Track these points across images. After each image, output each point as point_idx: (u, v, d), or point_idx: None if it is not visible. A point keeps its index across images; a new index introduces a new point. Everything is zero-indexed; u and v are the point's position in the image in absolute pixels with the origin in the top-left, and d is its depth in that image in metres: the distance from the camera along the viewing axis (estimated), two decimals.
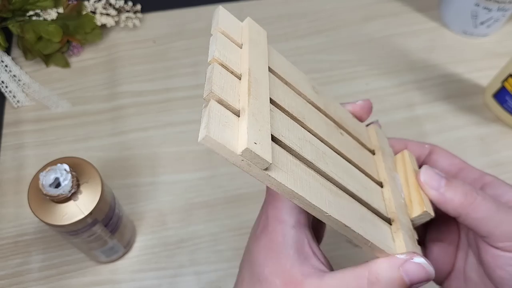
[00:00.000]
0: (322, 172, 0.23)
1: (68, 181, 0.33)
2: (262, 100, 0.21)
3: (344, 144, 0.26)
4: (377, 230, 0.24)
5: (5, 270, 0.44)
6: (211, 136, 0.18)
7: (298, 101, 0.25)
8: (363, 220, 0.24)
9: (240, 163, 0.19)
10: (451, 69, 0.58)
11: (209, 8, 0.63)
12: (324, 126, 0.25)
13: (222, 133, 0.19)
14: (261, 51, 0.24)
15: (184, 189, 0.48)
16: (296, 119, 0.24)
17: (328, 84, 0.56)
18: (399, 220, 0.25)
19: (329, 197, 0.22)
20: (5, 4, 0.51)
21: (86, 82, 0.56)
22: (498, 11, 0.56)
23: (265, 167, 0.19)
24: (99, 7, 0.57)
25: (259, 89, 0.22)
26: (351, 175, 0.25)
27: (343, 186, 0.24)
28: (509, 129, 0.53)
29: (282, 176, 0.20)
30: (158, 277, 0.44)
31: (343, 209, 0.23)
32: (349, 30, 0.61)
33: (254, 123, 0.20)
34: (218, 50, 0.22)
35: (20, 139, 0.51)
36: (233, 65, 0.22)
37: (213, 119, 0.19)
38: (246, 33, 0.24)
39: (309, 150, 0.23)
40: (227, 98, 0.20)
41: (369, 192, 0.25)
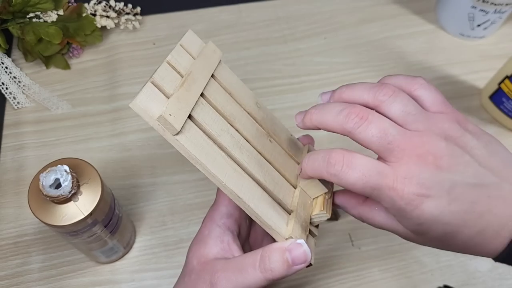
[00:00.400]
0: (233, 157, 0.30)
1: (68, 182, 0.33)
2: (192, 93, 0.29)
3: (269, 149, 0.33)
4: (273, 212, 0.30)
5: (5, 271, 0.44)
6: (137, 103, 0.26)
7: (234, 107, 0.32)
8: (260, 200, 0.30)
9: (157, 127, 0.27)
10: (448, 71, 0.58)
11: (209, 10, 0.63)
12: (254, 130, 0.33)
13: (147, 103, 0.26)
14: (208, 63, 0.32)
15: (184, 189, 0.49)
16: (225, 116, 0.31)
17: (326, 86, 0.57)
18: (298, 213, 0.31)
19: (231, 173, 0.29)
20: (6, 6, 0.52)
21: (86, 84, 0.56)
22: (495, 13, 0.56)
23: (174, 133, 0.27)
24: (99, 9, 0.57)
25: (193, 85, 0.29)
26: (264, 169, 0.31)
27: (250, 172, 0.30)
28: (505, 130, 0.54)
29: (189, 144, 0.27)
30: (157, 277, 0.44)
31: (241, 186, 0.29)
32: (347, 33, 0.62)
33: (175, 103, 0.27)
34: (172, 55, 0.30)
35: (20, 140, 0.51)
36: (181, 68, 0.30)
37: (143, 93, 0.27)
38: (202, 50, 0.32)
39: (228, 140, 0.30)
40: (163, 85, 0.28)
41: (279, 187, 0.32)
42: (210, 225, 0.31)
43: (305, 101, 0.55)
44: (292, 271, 0.28)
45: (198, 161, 0.28)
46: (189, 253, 0.31)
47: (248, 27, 0.62)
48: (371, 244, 0.46)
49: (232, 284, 0.28)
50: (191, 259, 0.31)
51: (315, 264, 0.45)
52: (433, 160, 0.26)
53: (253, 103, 0.34)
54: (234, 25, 0.62)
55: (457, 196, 0.26)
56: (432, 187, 0.26)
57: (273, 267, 0.28)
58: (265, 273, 0.28)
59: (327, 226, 0.47)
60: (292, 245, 0.28)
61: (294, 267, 0.28)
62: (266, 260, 0.28)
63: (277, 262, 0.28)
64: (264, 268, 0.28)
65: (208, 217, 0.32)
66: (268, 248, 0.29)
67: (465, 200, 0.26)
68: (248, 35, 0.61)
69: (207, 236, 0.31)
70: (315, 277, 0.44)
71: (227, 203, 0.32)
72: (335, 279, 0.44)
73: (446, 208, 0.26)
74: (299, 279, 0.44)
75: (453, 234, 0.27)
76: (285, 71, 0.58)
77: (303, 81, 0.57)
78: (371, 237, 0.46)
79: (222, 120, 0.31)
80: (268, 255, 0.28)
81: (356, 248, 0.46)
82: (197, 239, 0.32)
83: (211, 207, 0.33)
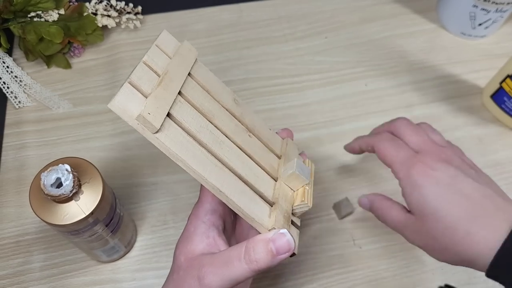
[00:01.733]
0: (213, 153, 0.30)
1: (70, 181, 0.33)
2: (170, 91, 0.29)
3: (248, 144, 0.33)
4: (255, 205, 0.31)
5: (7, 270, 0.44)
6: (115, 104, 0.27)
7: (212, 104, 0.33)
8: (242, 194, 0.30)
9: (137, 126, 0.27)
10: (449, 70, 0.58)
11: (209, 10, 0.63)
12: (232, 126, 0.33)
13: (126, 103, 0.27)
14: (185, 61, 0.32)
15: (185, 189, 0.49)
16: (203, 113, 0.32)
17: (327, 85, 0.57)
18: (279, 204, 0.32)
19: (211, 168, 0.29)
20: (7, 6, 0.52)
21: (87, 83, 0.56)
22: (496, 12, 0.56)
23: (154, 131, 0.27)
24: (100, 9, 0.57)
25: (170, 84, 0.30)
26: (245, 163, 0.32)
27: (231, 167, 0.31)
28: (507, 129, 0.54)
29: (169, 142, 0.28)
30: (158, 276, 0.44)
31: (223, 180, 0.30)
32: (348, 32, 0.62)
33: (153, 102, 0.28)
34: (148, 56, 0.30)
35: (22, 139, 0.52)
36: (158, 68, 0.30)
37: (121, 94, 0.27)
38: (178, 50, 0.33)
39: (207, 136, 0.30)
40: (141, 85, 0.28)
41: (260, 180, 0.32)
42: (195, 222, 0.32)
43: (306, 100, 0.55)
44: (277, 260, 0.29)
45: (179, 157, 0.28)
46: (176, 250, 0.32)
47: (249, 26, 0.62)
48: (372, 243, 0.46)
49: (219, 277, 0.29)
50: (178, 256, 0.31)
51: (316, 263, 0.45)
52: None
53: (231, 99, 0.35)
54: (235, 24, 0.62)
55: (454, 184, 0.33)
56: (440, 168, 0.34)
57: (258, 258, 0.29)
58: (251, 264, 0.29)
59: (328, 226, 0.47)
60: (275, 235, 0.29)
61: (278, 256, 0.29)
62: (251, 251, 0.29)
63: (262, 253, 0.29)
64: (249, 260, 0.29)
65: (193, 214, 0.33)
66: (252, 240, 0.29)
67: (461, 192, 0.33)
68: (249, 34, 0.61)
69: (193, 232, 0.32)
70: (316, 276, 0.44)
71: (211, 199, 0.33)
72: (336, 278, 0.44)
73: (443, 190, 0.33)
74: (300, 278, 0.44)
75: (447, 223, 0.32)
76: (286, 70, 0.58)
77: (304, 80, 0.57)
78: (372, 237, 0.46)
79: (200, 117, 0.31)
80: (252, 247, 0.29)
81: (357, 248, 0.46)
82: (183, 236, 0.32)
83: (195, 204, 0.33)
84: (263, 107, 0.55)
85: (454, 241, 0.32)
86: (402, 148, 0.36)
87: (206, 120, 0.32)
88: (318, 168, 0.50)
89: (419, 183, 0.33)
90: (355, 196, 0.48)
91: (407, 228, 0.35)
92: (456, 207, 0.32)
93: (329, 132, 0.53)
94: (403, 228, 0.35)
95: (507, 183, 0.50)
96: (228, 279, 0.29)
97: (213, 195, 0.32)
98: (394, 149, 0.36)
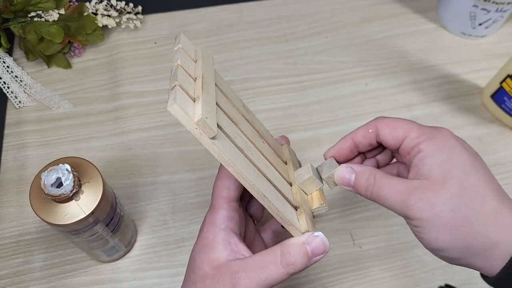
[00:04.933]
0: (249, 158, 0.31)
1: (70, 181, 0.33)
2: (211, 96, 0.29)
3: (264, 149, 0.34)
4: (286, 208, 0.31)
5: (7, 270, 0.44)
6: (178, 106, 0.25)
7: (233, 110, 0.33)
8: (277, 198, 0.31)
9: (194, 130, 0.26)
10: (449, 70, 0.58)
11: (210, 9, 0.63)
12: (250, 132, 0.34)
13: (184, 106, 0.26)
14: (210, 67, 0.32)
15: (185, 189, 0.49)
16: (232, 120, 0.32)
17: (327, 85, 0.57)
18: (303, 208, 0.32)
19: (254, 174, 0.30)
20: (7, 5, 0.52)
21: (87, 83, 0.56)
22: (496, 12, 0.56)
23: (212, 136, 0.27)
24: (101, 8, 0.57)
25: (209, 89, 0.29)
26: (269, 168, 0.32)
27: (263, 172, 0.31)
28: (507, 129, 0.54)
29: (223, 147, 0.28)
30: (159, 276, 0.44)
31: (263, 185, 0.30)
32: (348, 31, 0.62)
33: (206, 106, 0.27)
34: (180, 59, 0.29)
35: (22, 139, 0.52)
36: (191, 71, 0.30)
37: (179, 96, 0.26)
38: (200, 53, 0.32)
39: (240, 141, 0.31)
40: (187, 89, 0.28)
41: (282, 184, 0.33)
42: (213, 230, 0.31)
43: (306, 100, 0.55)
44: (312, 262, 0.30)
45: (231, 163, 0.28)
46: (196, 260, 0.31)
47: (249, 26, 0.62)
48: (372, 243, 0.46)
49: (255, 282, 0.29)
50: (200, 265, 0.30)
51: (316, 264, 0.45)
52: None
53: (241, 106, 0.35)
54: (235, 24, 0.62)
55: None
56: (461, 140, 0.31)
57: (295, 261, 0.29)
58: (288, 268, 0.29)
59: (328, 225, 0.47)
60: (310, 237, 0.30)
61: (314, 258, 0.30)
62: (287, 255, 0.29)
63: (298, 255, 0.29)
64: (286, 263, 0.29)
65: (209, 222, 0.32)
66: (286, 244, 0.30)
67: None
68: (249, 34, 0.61)
69: (213, 240, 0.31)
70: (317, 276, 0.44)
71: (227, 206, 0.32)
72: (336, 278, 0.44)
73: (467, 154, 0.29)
74: (300, 278, 0.44)
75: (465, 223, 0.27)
76: (286, 70, 0.58)
77: (304, 80, 0.57)
78: (372, 236, 0.46)
79: (231, 123, 0.31)
80: (288, 250, 0.29)
81: (357, 247, 0.46)
82: (201, 245, 0.31)
83: (209, 212, 0.33)
84: (263, 107, 0.55)
85: (476, 215, 0.27)
86: (412, 122, 0.31)
87: (235, 126, 0.31)
88: None
89: (450, 143, 0.29)
90: (356, 196, 0.48)
91: (414, 196, 0.28)
92: (485, 178, 0.28)
93: (329, 132, 0.53)
94: (408, 197, 0.28)
95: (507, 183, 0.50)
96: (265, 283, 0.29)
97: (228, 202, 0.32)
98: (405, 120, 0.31)
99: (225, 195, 0.32)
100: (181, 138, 0.52)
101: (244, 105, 0.35)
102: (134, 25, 0.59)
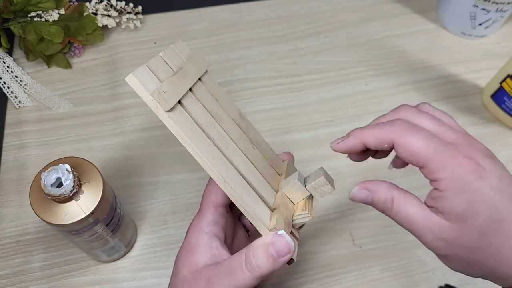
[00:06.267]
0: (219, 148, 0.30)
1: (70, 181, 0.33)
2: (184, 83, 0.30)
3: (252, 153, 0.34)
4: (257, 205, 0.30)
5: (7, 269, 0.44)
6: (133, 77, 0.26)
7: (220, 110, 0.33)
8: (245, 191, 0.30)
9: (150, 102, 0.27)
10: (449, 70, 0.58)
11: (210, 9, 0.63)
12: (237, 134, 0.33)
13: (143, 80, 0.27)
14: (197, 66, 0.33)
15: (185, 188, 0.49)
16: (211, 114, 0.32)
17: (327, 85, 0.57)
18: (281, 210, 0.31)
19: (218, 160, 0.29)
20: (7, 5, 0.52)
21: (87, 83, 0.56)
22: (496, 12, 0.56)
23: (167, 109, 0.27)
24: (101, 8, 0.57)
25: (184, 78, 0.31)
26: (248, 167, 0.32)
27: (235, 165, 0.31)
28: (507, 129, 0.54)
29: (180, 123, 0.28)
30: (159, 276, 0.44)
31: (228, 173, 0.29)
32: (348, 31, 0.62)
33: (168, 85, 0.28)
34: (164, 53, 0.31)
35: (22, 139, 0.52)
36: (173, 65, 0.31)
37: (139, 71, 0.27)
38: (194, 57, 0.34)
39: (215, 133, 0.31)
40: (157, 72, 0.29)
41: (262, 186, 0.32)
42: (197, 233, 0.31)
43: (306, 100, 0.55)
44: (279, 263, 0.28)
45: (187, 141, 0.28)
46: (178, 263, 0.31)
47: (249, 26, 0.62)
48: (372, 243, 0.46)
49: (225, 287, 0.28)
50: (181, 269, 0.30)
51: (316, 263, 0.45)
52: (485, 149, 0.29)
53: (236, 113, 0.35)
54: (235, 24, 0.62)
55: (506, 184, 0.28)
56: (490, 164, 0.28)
57: (259, 263, 0.28)
58: (253, 272, 0.28)
59: (328, 225, 0.47)
60: (274, 237, 0.29)
61: (279, 259, 0.28)
62: (251, 258, 0.28)
63: (262, 258, 0.28)
64: (250, 267, 0.28)
65: (194, 226, 0.32)
66: (251, 246, 0.29)
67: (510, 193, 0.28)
68: (249, 34, 0.61)
69: (195, 244, 0.31)
70: (317, 276, 0.44)
71: (213, 210, 0.32)
72: (336, 278, 0.44)
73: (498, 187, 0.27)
74: (300, 278, 0.44)
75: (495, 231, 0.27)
76: (286, 70, 0.58)
77: (304, 80, 0.57)
78: (372, 236, 0.46)
79: (209, 116, 0.31)
80: (252, 253, 0.28)
81: (357, 247, 0.46)
82: (184, 249, 0.31)
83: (196, 216, 0.33)
84: (263, 107, 0.55)
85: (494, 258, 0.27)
86: (432, 137, 0.28)
87: (214, 120, 0.32)
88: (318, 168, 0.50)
89: (472, 187, 0.27)
90: None
91: (431, 234, 0.28)
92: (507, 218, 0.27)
93: (329, 132, 0.53)
94: (425, 231, 0.28)
95: None
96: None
97: (215, 207, 0.32)
98: (425, 141, 0.27)
99: (213, 199, 0.32)
100: None
101: (241, 114, 0.36)
102: (134, 25, 0.59)
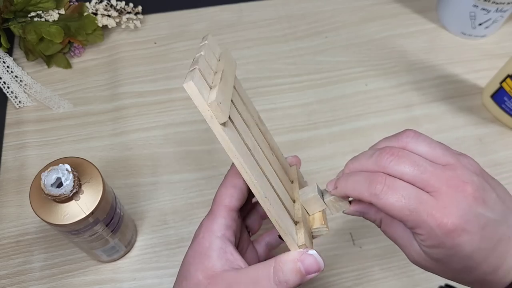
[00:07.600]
0: (255, 159, 0.30)
1: (70, 181, 0.33)
2: (228, 89, 0.29)
3: (272, 160, 0.33)
4: (286, 219, 0.30)
5: (7, 269, 0.44)
6: (194, 84, 0.25)
7: (247, 115, 0.33)
8: (277, 205, 0.30)
9: (206, 112, 0.26)
10: (449, 70, 0.58)
11: (210, 9, 0.63)
12: (261, 140, 0.33)
13: (200, 87, 0.26)
14: (231, 69, 0.32)
15: (185, 188, 0.49)
16: (244, 121, 0.31)
17: (327, 85, 0.57)
18: (303, 224, 0.31)
19: (258, 173, 0.29)
20: (7, 5, 0.52)
21: (87, 83, 0.56)
22: (496, 12, 0.56)
23: (223, 121, 0.26)
24: (101, 8, 0.57)
25: (227, 83, 0.29)
26: (274, 178, 0.32)
27: (266, 176, 0.30)
28: (507, 129, 0.54)
29: (231, 136, 0.27)
30: (159, 276, 0.44)
31: (266, 188, 0.29)
32: (348, 32, 0.62)
33: (221, 94, 0.27)
34: (205, 52, 0.30)
35: (22, 139, 0.52)
36: (213, 66, 0.30)
37: (197, 77, 0.26)
38: (224, 55, 0.32)
39: (250, 142, 0.30)
40: (205, 76, 0.27)
41: (285, 197, 0.32)
42: (209, 237, 0.31)
43: (306, 100, 0.55)
44: (306, 280, 0.29)
45: (236, 155, 0.27)
46: (190, 266, 0.30)
47: (249, 26, 0.62)
48: (372, 243, 0.46)
49: None
50: (195, 273, 0.30)
51: None
52: (471, 192, 0.27)
53: (257, 116, 0.35)
54: (235, 24, 0.62)
55: (488, 234, 0.26)
56: (470, 220, 0.26)
57: (287, 279, 0.28)
58: (280, 285, 0.28)
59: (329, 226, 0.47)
60: (304, 255, 0.29)
61: (307, 276, 0.29)
62: (280, 273, 0.28)
63: (291, 273, 0.28)
64: (278, 281, 0.28)
65: (206, 229, 0.31)
66: (280, 260, 0.29)
67: (493, 238, 0.27)
68: (249, 34, 0.61)
69: (209, 248, 0.30)
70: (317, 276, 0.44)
71: (225, 214, 0.32)
72: (337, 278, 0.44)
73: (477, 244, 0.26)
74: None
75: (471, 268, 0.27)
76: (286, 70, 0.58)
77: (304, 80, 0.57)
78: (372, 236, 0.46)
79: (243, 124, 0.31)
80: (281, 268, 0.28)
81: (357, 247, 0.46)
82: (196, 252, 0.31)
83: (207, 218, 0.32)
84: (263, 107, 0.55)
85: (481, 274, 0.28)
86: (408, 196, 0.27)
87: (248, 128, 0.31)
88: (318, 168, 0.50)
89: (449, 245, 0.26)
90: None
91: (413, 255, 0.31)
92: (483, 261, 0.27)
93: (329, 132, 0.53)
94: (409, 251, 0.31)
95: (507, 183, 0.49)
96: None
97: (228, 211, 0.31)
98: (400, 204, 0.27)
99: (226, 203, 0.32)
100: (181, 138, 0.52)
101: (259, 117, 0.35)
102: (134, 25, 0.59)
